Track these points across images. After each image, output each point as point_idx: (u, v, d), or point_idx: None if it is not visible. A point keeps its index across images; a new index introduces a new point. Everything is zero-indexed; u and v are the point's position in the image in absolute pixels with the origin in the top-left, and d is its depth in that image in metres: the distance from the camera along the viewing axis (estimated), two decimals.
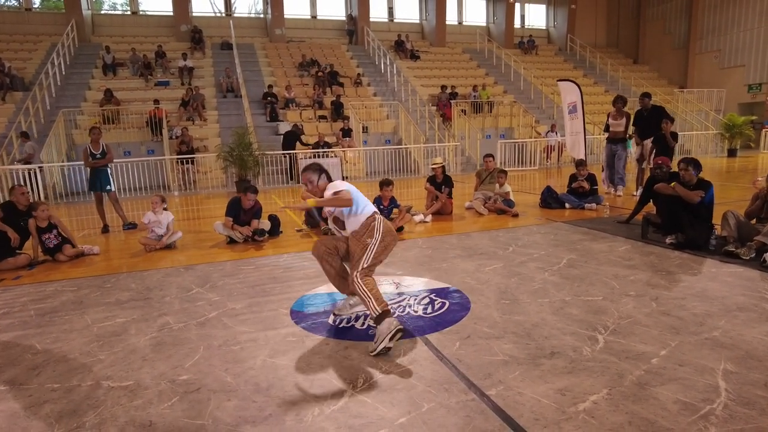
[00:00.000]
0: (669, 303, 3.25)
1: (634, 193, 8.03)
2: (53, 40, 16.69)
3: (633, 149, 8.85)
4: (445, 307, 3.36)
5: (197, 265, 4.85)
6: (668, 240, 4.75)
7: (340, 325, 3.12)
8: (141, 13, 19.80)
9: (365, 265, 2.93)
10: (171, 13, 19.20)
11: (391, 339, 2.62)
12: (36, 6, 19.14)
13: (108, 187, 7.12)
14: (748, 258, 4.13)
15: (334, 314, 3.24)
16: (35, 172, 10.20)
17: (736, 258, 4.19)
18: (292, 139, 12.95)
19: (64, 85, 15.04)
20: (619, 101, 8.31)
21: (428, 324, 3.08)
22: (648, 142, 7.89)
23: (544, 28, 25.20)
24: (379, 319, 2.70)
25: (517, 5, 23.56)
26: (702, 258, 4.32)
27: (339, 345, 2.83)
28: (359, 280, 2.87)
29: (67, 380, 2.52)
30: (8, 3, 19.05)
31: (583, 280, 3.81)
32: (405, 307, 3.37)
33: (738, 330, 2.79)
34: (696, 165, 4.77)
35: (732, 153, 16.50)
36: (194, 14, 19.85)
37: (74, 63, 16.29)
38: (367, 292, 2.80)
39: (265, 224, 5.92)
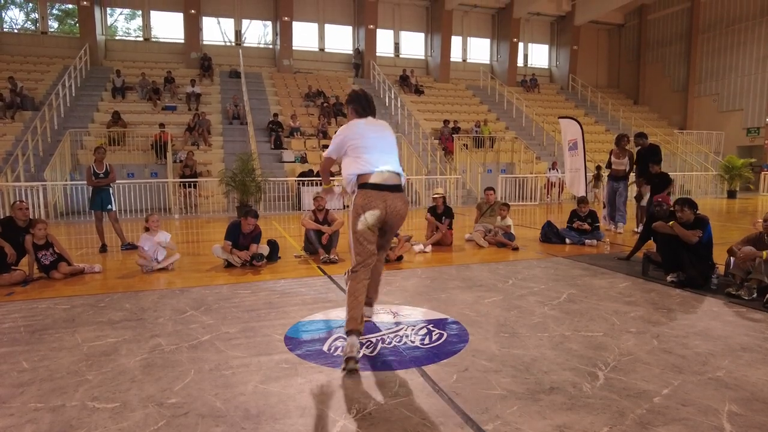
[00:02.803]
0: (671, 341, 3.19)
1: (636, 229, 8.02)
2: (66, 62, 17.08)
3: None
4: (443, 339, 3.29)
5: (193, 287, 4.80)
6: (669, 278, 4.71)
7: (335, 353, 3.05)
8: (153, 39, 20.30)
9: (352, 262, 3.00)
10: (182, 41, 19.72)
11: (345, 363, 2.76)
12: (52, 30, 19.65)
13: (109, 207, 7.13)
14: (749, 298, 4.08)
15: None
16: (38, 190, 10.23)
17: (737, 298, 4.14)
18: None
19: (73, 106, 15.28)
20: (623, 140, 8.39)
21: (425, 355, 3.01)
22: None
23: (547, 67, 25.79)
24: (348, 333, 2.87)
25: (521, 45, 24.17)
26: (703, 296, 4.27)
27: (333, 373, 2.76)
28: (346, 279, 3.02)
29: (51, 400, 2.45)
30: (25, 26, 19.58)
31: (583, 316, 3.75)
32: (402, 336, 3.31)
33: (742, 371, 2.72)
34: (691, 205, 4.75)
35: (731, 194, 16.60)
36: (205, 42, 20.36)
37: (85, 85, 16.61)
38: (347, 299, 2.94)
39: (264, 249, 5.88)
